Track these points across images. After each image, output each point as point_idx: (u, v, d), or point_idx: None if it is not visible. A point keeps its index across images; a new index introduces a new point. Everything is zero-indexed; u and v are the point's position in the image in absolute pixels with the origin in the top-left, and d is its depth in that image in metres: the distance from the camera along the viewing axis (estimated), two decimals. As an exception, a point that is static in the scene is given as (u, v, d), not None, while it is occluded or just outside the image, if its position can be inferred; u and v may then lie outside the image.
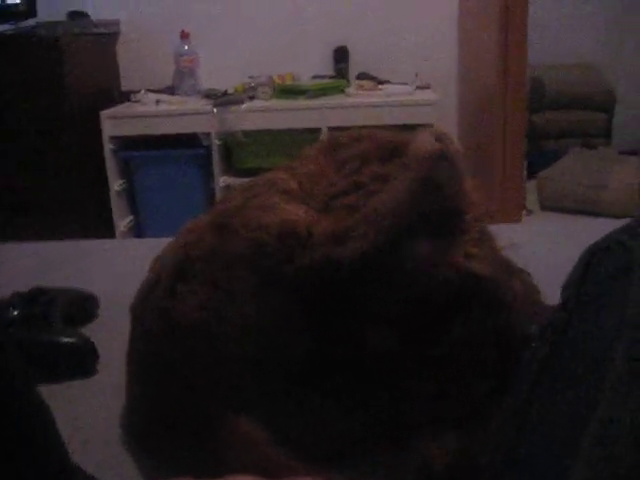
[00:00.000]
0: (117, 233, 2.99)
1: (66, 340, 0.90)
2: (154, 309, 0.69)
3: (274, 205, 0.67)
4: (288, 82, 3.08)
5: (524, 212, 2.95)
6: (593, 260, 0.50)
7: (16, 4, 2.91)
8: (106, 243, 1.63)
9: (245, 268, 0.64)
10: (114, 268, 1.33)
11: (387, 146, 0.74)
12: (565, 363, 0.48)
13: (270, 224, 0.64)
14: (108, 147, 2.92)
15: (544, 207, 3.45)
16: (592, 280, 0.49)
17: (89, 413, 0.82)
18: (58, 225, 2.71)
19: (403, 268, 0.62)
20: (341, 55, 3.23)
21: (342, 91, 3.03)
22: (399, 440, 0.64)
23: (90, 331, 0.99)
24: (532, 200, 3.43)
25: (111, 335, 0.87)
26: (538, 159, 3.64)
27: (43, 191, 2.80)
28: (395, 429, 0.65)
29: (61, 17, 3.10)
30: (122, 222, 3.03)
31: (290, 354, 0.64)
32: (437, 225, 0.64)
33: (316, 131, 2.80)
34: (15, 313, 0.93)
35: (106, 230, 2.93)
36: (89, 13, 3.19)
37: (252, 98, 2.97)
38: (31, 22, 2.95)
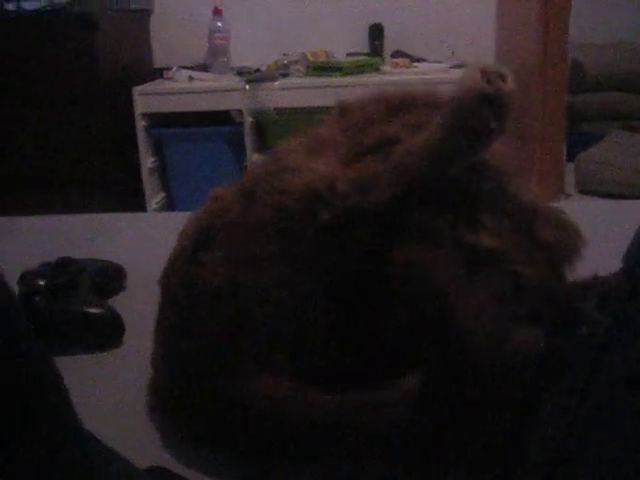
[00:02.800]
0: (149, 210, 2.99)
1: (93, 311, 0.89)
2: (179, 278, 0.67)
3: (297, 167, 0.65)
4: (321, 59, 3.04)
5: (562, 195, 2.88)
6: None
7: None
8: (136, 217, 1.62)
9: (269, 234, 0.62)
10: (144, 241, 1.32)
11: (391, 105, 0.71)
12: (632, 341, 0.43)
13: (292, 188, 0.62)
14: (140, 124, 2.92)
15: (582, 190, 3.37)
16: None
17: (114, 384, 0.81)
18: (90, 201, 2.72)
19: (426, 222, 0.59)
20: (376, 32, 3.19)
21: (376, 69, 2.99)
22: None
23: (117, 303, 0.97)
24: (569, 183, 3.35)
25: (138, 307, 0.86)
26: (577, 141, 3.55)
27: (75, 167, 2.81)
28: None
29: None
30: (154, 199, 3.03)
31: (314, 321, 0.61)
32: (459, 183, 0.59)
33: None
34: (42, 283, 0.92)
35: (138, 207, 2.93)
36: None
37: (285, 75, 2.94)
38: (65, -2, 2.95)
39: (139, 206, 2.96)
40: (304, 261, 0.61)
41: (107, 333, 0.88)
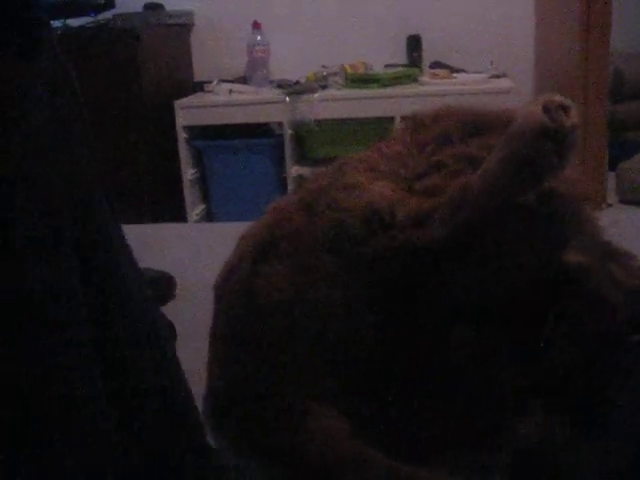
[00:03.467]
0: (189, 221, 3.02)
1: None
2: (237, 289, 0.68)
3: (359, 184, 0.65)
4: (360, 71, 3.05)
5: (604, 205, 2.84)
6: None
7: (94, -2, 2.96)
8: (179, 227, 1.65)
9: (328, 250, 0.63)
10: (188, 251, 1.34)
11: (468, 123, 0.70)
12: None
13: (354, 206, 0.62)
14: (182, 136, 2.96)
15: (623, 200, 3.32)
16: None
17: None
18: (132, 213, 2.75)
19: (487, 256, 0.58)
20: (414, 43, 3.19)
21: (415, 80, 2.99)
22: (484, 439, 0.61)
23: (168, 311, 0.99)
24: (611, 193, 3.31)
25: (189, 315, 0.87)
26: (619, 151, 3.51)
27: (118, 179, 2.85)
28: (480, 427, 0.61)
29: (138, 8, 3.15)
30: (194, 211, 3.07)
31: (369, 342, 0.61)
32: (525, 209, 0.58)
33: (389, 120, 2.76)
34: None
35: (179, 218, 2.97)
36: (164, 4, 3.22)
37: (324, 87, 2.95)
38: (109, 14, 3.01)
39: (180, 217, 2.99)
40: (361, 282, 0.61)
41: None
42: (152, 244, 1.41)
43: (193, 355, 0.75)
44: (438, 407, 0.61)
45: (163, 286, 1.04)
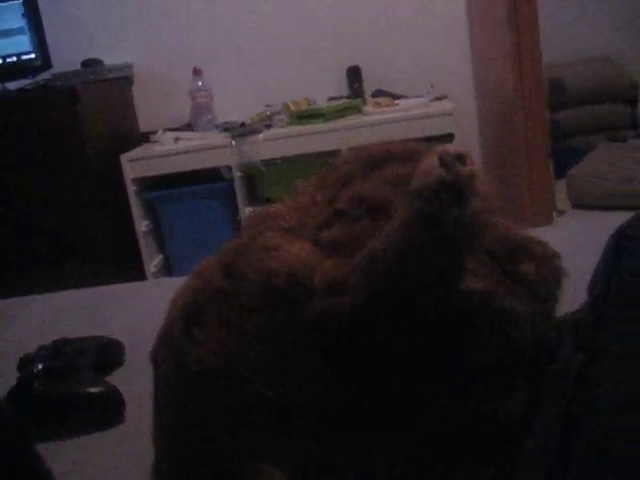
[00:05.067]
0: (148, 274, 3.00)
1: (92, 390, 0.89)
2: (170, 355, 0.67)
3: (278, 246, 0.65)
4: (304, 107, 3.07)
5: (555, 213, 2.88)
6: (622, 248, 0.46)
7: (31, 59, 2.95)
8: (133, 286, 1.63)
9: (258, 311, 0.62)
10: (142, 311, 1.32)
11: (369, 160, 0.70)
12: (608, 372, 0.43)
13: (277, 269, 0.62)
14: (131, 189, 2.94)
15: (576, 205, 3.37)
16: (627, 269, 0.45)
17: (119, 463, 0.80)
18: (88, 271, 2.72)
19: (405, 310, 0.58)
20: (354, 75, 3.22)
21: (359, 110, 3.01)
22: None
23: (117, 378, 0.97)
24: (563, 199, 3.36)
25: (138, 381, 0.86)
26: (566, 157, 3.57)
27: (70, 239, 2.82)
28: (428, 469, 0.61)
29: (76, 66, 3.14)
30: (152, 262, 3.04)
31: (310, 396, 0.61)
32: (437, 259, 0.58)
33: (336, 153, 2.78)
34: (40, 367, 0.92)
35: (136, 271, 2.94)
36: (103, 59, 3.22)
37: (269, 127, 2.97)
38: (47, 74, 3.00)
39: (137, 270, 2.97)
40: (296, 337, 0.61)
41: (108, 411, 0.88)
42: (106, 307, 1.39)
43: (144, 421, 0.74)
44: (384, 451, 0.60)
45: (110, 353, 1.03)
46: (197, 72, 3.16)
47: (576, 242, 1.34)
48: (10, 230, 2.82)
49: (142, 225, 3.00)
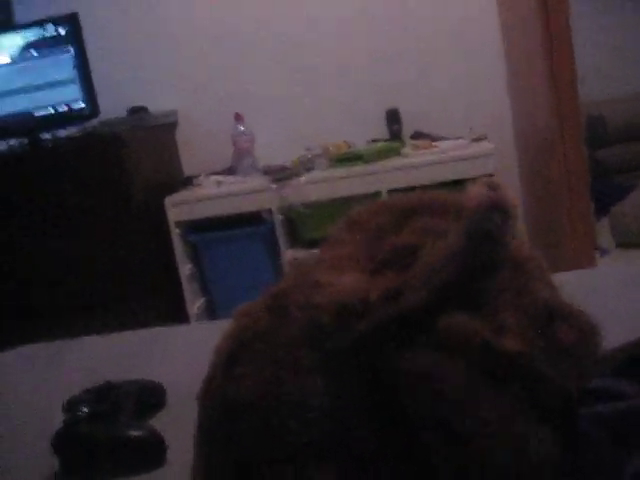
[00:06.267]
0: (191, 316, 3.03)
1: (134, 434, 0.91)
2: (213, 396, 0.68)
3: (326, 282, 0.66)
4: (343, 150, 3.11)
5: (597, 252, 2.85)
6: None
7: (81, 108, 3.06)
8: (176, 330, 1.65)
9: (304, 346, 0.63)
10: (185, 353, 1.34)
11: (400, 211, 0.73)
12: None
13: (325, 302, 0.63)
14: (175, 232, 3.00)
15: (620, 244, 3.34)
16: None
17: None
18: (133, 316, 2.77)
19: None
20: (393, 117, 3.26)
21: (398, 153, 3.04)
22: None
23: (159, 421, 0.99)
24: (607, 237, 3.33)
25: (179, 424, 0.87)
26: (609, 195, 3.54)
27: (116, 285, 2.88)
28: None
29: (122, 113, 3.25)
30: (195, 304, 3.08)
31: (356, 435, 0.61)
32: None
33: (376, 195, 2.80)
34: (85, 410, 0.95)
35: (180, 315, 2.98)
36: (148, 106, 3.32)
37: (309, 170, 3.01)
38: (95, 122, 3.10)
39: (181, 313, 3.01)
40: (341, 374, 0.62)
41: (150, 454, 0.90)
42: (149, 350, 1.42)
43: (187, 465, 0.75)
44: None
45: (152, 396, 1.05)
46: (239, 117, 3.23)
47: (621, 281, 1.33)
48: (55, 276, 2.90)
49: (185, 268, 3.05)
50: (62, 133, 3.10)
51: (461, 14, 3.25)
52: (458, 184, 2.70)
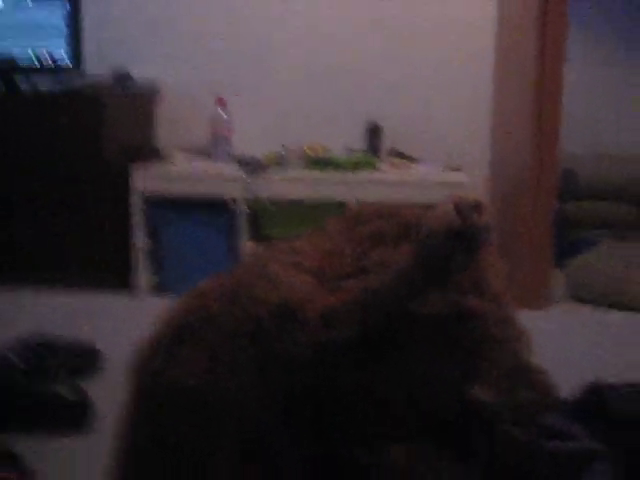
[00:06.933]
0: (138, 291, 2.98)
1: (61, 391, 0.87)
2: (150, 370, 0.66)
3: (277, 277, 0.64)
4: (319, 153, 3.10)
5: (548, 300, 2.89)
6: None
7: (63, 59, 3.01)
8: (123, 299, 1.62)
9: (246, 340, 0.62)
10: (127, 324, 1.31)
11: (402, 224, 0.70)
12: None
13: (269, 299, 0.62)
14: (137, 202, 2.95)
15: (573, 297, 3.38)
16: None
17: (79, 470, 0.79)
18: (78, 277, 2.72)
19: (399, 364, 0.57)
20: (374, 132, 3.26)
21: (374, 167, 3.04)
22: None
23: (91, 386, 0.96)
24: (561, 290, 3.37)
25: (112, 393, 0.84)
26: (569, 249, 3.59)
27: (70, 243, 2.84)
28: None
29: (103, 73, 3.18)
30: (144, 280, 3.03)
31: (279, 442, 0.60)
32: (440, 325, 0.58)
33: (344, 205, 2.79)
34: (14, 360, 0.91)
35: (127, 287, 2.93)
36: (132, 73, 3.26)
37: (283, 167, 2.99)
38: (76, 76, 3.05)
39: (128, 285, 2.96)
40: (276, 377, 0.60)
41: (76, 416, 0.86)
42: (91, 314, 1.38)
43: (111, 433, 0.72)
44: None
45: (86, 358, 1.02)
46: (222, 102, 3.19)
47: (559, 331, 1.35)
48: (15, 226, 2.85)
49: (140, 241, 3.00)
50: (39, 80, 3.03)
51: (457, 55, 3.30)
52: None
